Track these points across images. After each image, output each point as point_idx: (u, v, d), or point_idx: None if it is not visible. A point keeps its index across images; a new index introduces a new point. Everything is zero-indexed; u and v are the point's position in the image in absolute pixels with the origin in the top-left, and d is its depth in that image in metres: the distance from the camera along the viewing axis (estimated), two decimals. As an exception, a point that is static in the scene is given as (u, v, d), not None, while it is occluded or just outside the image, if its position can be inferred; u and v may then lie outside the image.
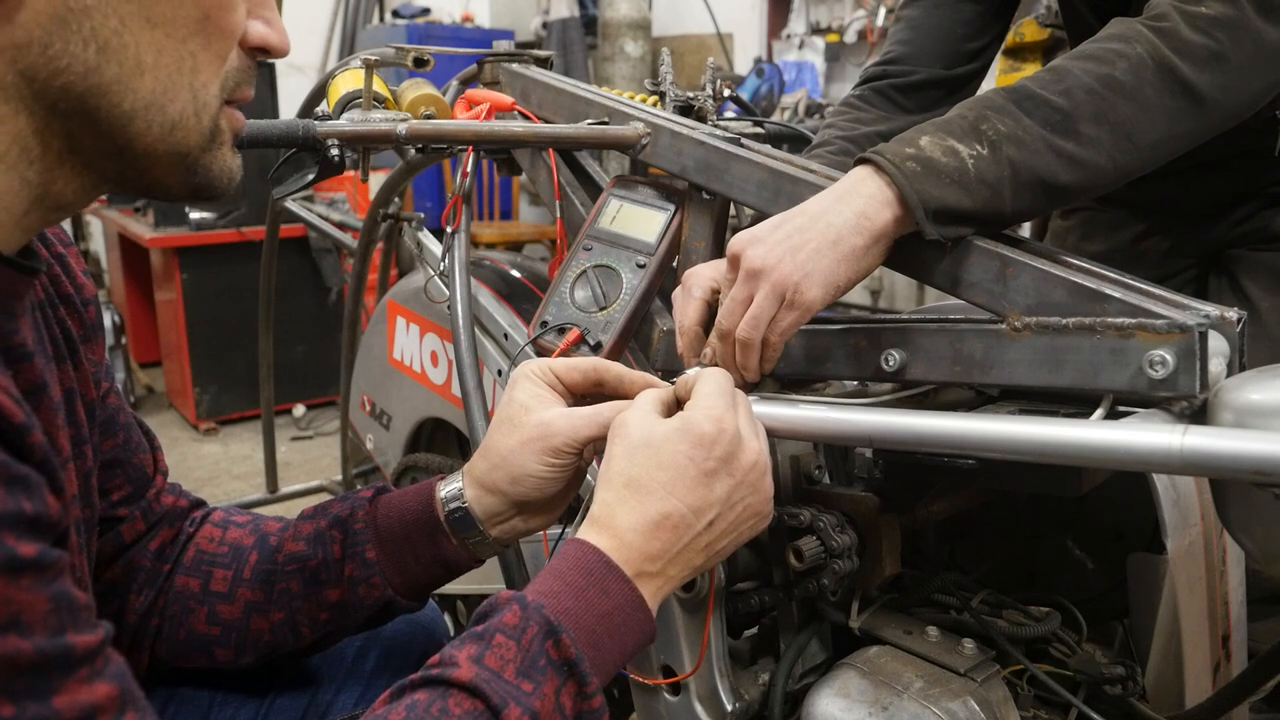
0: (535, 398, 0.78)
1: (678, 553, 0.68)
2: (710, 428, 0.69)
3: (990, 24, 1.22)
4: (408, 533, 0.81)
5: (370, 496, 0.83)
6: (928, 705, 0.82)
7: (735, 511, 0.71)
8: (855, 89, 1.24)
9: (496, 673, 0.59)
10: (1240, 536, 0.74)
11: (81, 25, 0.49)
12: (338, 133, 1.05)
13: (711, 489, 0.69)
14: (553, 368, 0.80)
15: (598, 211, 1.13)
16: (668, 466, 0.68)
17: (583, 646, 0.62)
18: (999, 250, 0.80)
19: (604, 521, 0.68)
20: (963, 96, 1.23)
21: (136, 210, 4.04)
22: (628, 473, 0.69)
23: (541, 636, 0.61)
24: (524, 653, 0.60)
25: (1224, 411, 0.67)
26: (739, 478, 0.70)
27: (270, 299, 2.28)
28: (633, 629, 0.66)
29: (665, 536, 0.68)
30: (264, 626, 0.82)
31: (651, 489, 0.68)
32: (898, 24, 1.26)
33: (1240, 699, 0.82)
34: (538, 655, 0.61)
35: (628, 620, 0.66)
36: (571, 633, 0.62)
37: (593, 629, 0.64)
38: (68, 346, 0.69)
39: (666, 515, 0.68)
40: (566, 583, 0.65)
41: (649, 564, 0.67)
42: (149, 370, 4.36)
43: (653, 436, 0.70)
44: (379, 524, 0.81)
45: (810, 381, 1.00)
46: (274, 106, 3.67)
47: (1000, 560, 1.12)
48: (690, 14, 5.63)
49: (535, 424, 0.77)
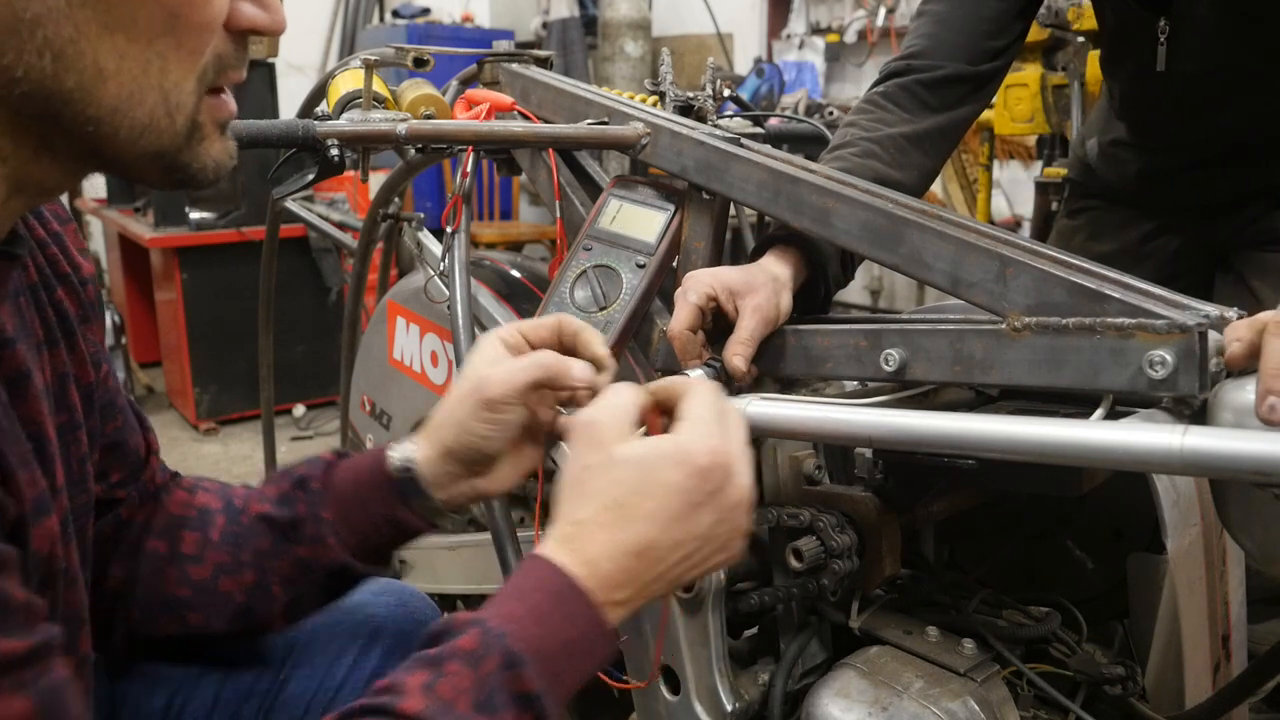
0: (489, 359, 0.75)
1: (646, 583, 0.63)
2: (706, 460, 0.63)
3: (1013, 23, 1.21)
4: (360, 493, 0.81)
5: (330, 459, 0.84)
6: (928, 705, 0.82)
7: (711, 546, 0.65)
8: (878, 85, 1.22)
9: (449, 703, 0.54)
10: (1240, 536, 0.74)
11: (34, 34, 0.48)
12: (338, 133, 1.05)
13: (696, 524, 0.63)
14: (520, 328, 0.77)
15: (598, 211, 1.13)
16: (656, 495, 0.63)
17: (544, 679, 0.57)
18: (999, 250, 0.80)
19: (577, 544, 0.62)
20: (985, 94, 1.23)
21: (136, 210, 4.04)
22: (609, 493, 0.63)
23: (501, 668, 0.56)
24: (481, 683, 0.55)
25: (1224, 411, 0.67)
26: (722, 514, 0.64)
27: (270, 299, 2.28)
28: (593, 657, 0.62)
29: (640, 568, 0.63)
30: (234, 588, 0.82)
31: (635, 517, 0.62)
32: (921, 19, 1.25)
33: (1240, 699, 0.82)
34: (496, 689, 0.55)
35: (590, 649, 0.61)
36: (533, 665, 0.57)
37: (554, 658, 0.59)
38: (63, 329, 0.68)
39: (647, 548, 0.62)
40: (530, 607, 0.60)
41: (618, 592, 0.62)
42: (149, 370, 4.35)
43: (642, 457, 0.64)
44: (335, 485, 0.82)
45: (810, 381, 1.00)
46: (274, 106, 3.67)
47: (1000, 560, 1.12)
48: (690, 14, 5.63)
49: (473, 376, 0.74)
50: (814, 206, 0.93)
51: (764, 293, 0.93)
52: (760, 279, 0.95)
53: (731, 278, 0.94)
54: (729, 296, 0.93)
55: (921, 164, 1.15)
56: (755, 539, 1.00)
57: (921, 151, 1.15)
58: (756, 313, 0.92)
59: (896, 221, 0.87)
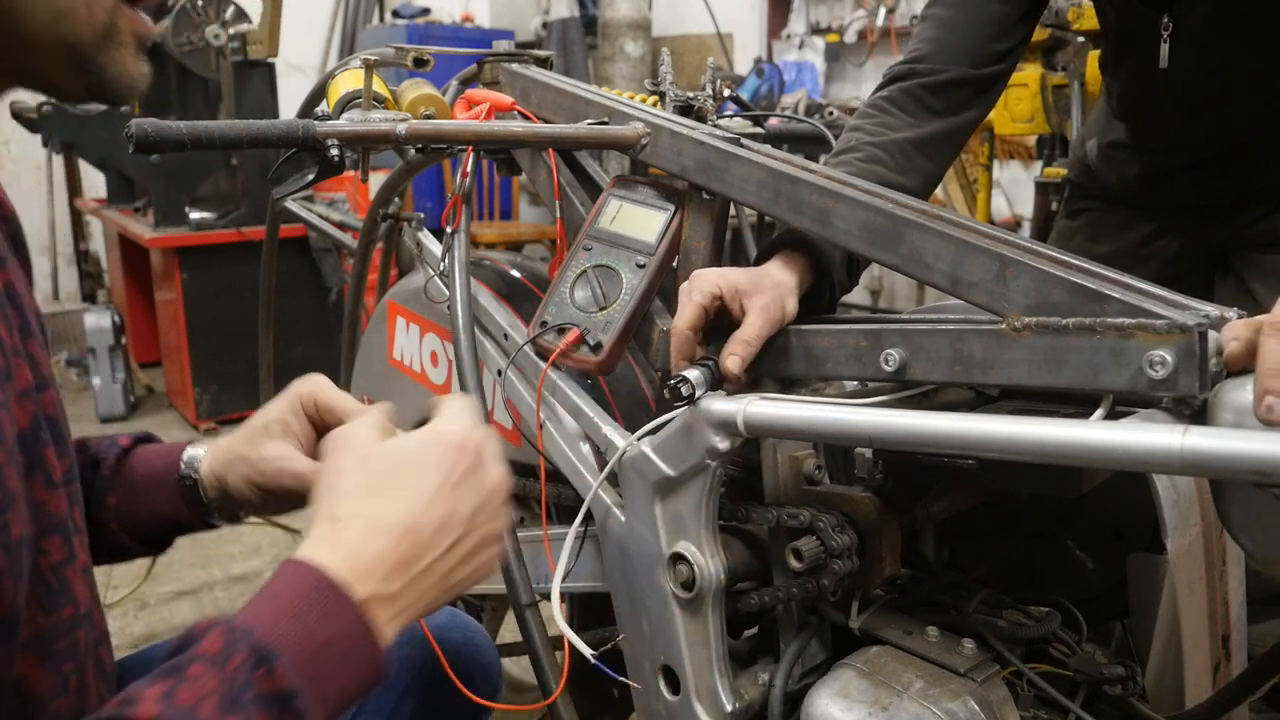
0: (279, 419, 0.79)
1: (416, 575, 0.60)
2: (459, 439, 0.64)
3: (1016, 26, 1.21)
4: (150, 486, 0.84)
5: (127, 445, 0.86)
6: (928, 705, 0.82)
7: (475, 537, 0.63)
8: (881, 90, 1.22)
9: (190, 708, 0.48)
10: (1240, 537, 0.74)
11: None
12: (338, 133, 1.05)
13: (457, 505, 0.62)
14: (316, 396, 0.80)
15: (598, 211, 1.13)
16: (411, 474, 0.62)
17: (301, 678, 0.52)
18: (999, 250, 0.80)
19: (334, 538, 0.59)
20: (989, 98, 1.23)
21: (136, 210, 4.05)
22: (362, 481, 0.62)
23: (250, 665, 0.51)
24: (227, 684, 0.50)
25: (1224, 411, 0.67)
26: (482, 498, 0.64)
27: (270, 299, 2.28)
28: (359, 661, 0.56)
29: (405, 551, 0.59)
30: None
31: (393, 498, 0.61)
32: (924, 23, 1.25)
33: (1240, 699, 0.82)
34: (244, 687, 0.50)
35: (353, 650, 0.56)
36: (287, 663, 0.52)
37: (312, 658, 0.53)
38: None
39: (410, 527, 0.60)
40: (281, 605, 0.55)
41: (385, 584, 0.58)
42: (149, 370, 4.35)
43: (396, 445, 0.65)
44: (125, 473, 0.84)
45: (810, 381, 1.00)
46: (274, 106, 3.67)
47: (1000, 560, 1.12)
48: (690, 14, 5.64)
49: (252, 456, 0.79)
50: (814, 206, 0.93)
51: (770, 294, 0.93)
52: (767, 281, 0.95)
53: (738, 278, 0.94)
54: (735, 296, 0.93)
55: (926, 169, 1.15)
56: (755, 539, 1.00)
57: (926, 156, 1.15)
58: (763, 313, 0.91)
59: (896, 221, 0.87)
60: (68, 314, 4.69)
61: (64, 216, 5.01)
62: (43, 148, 4.06)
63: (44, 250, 5.05)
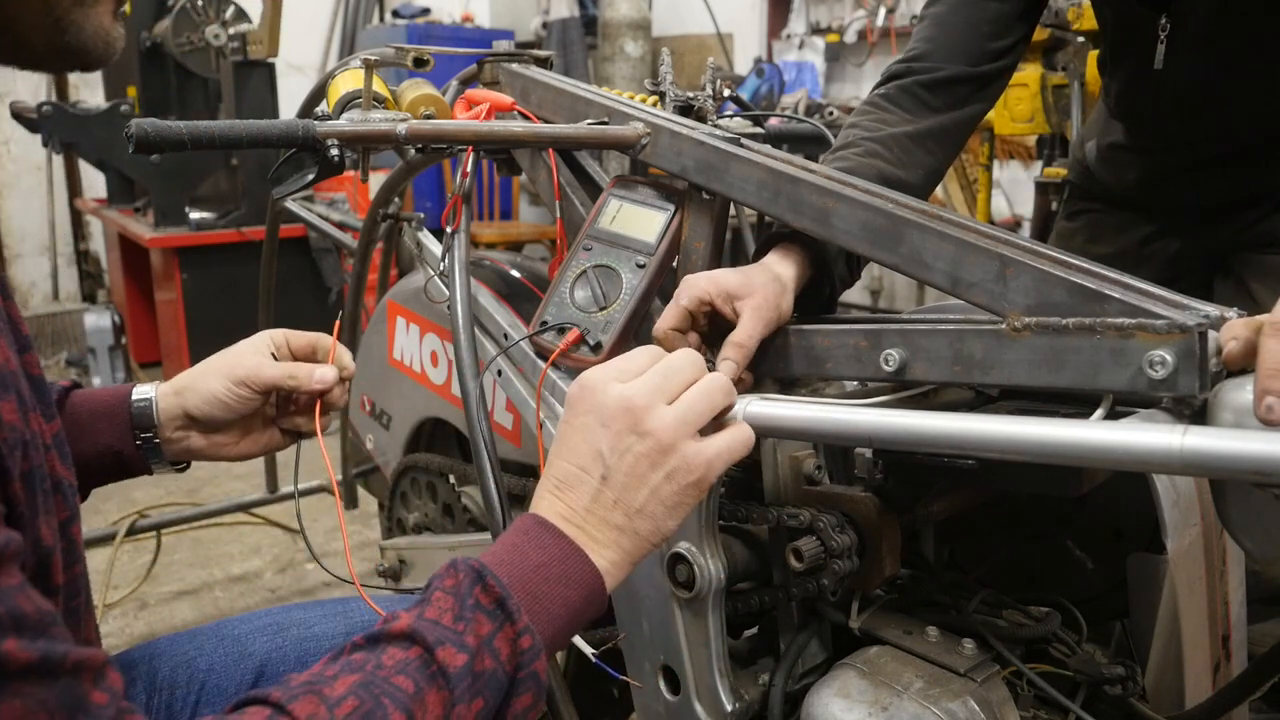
0: (252, 349, 0.90)
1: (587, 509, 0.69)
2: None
3: (1015, 24, 1.21)
4: (94, 421, 0.88)
5: (67, 385, 0.90)
6: (928, 705, 0.82)
7: (627, 461, 0.69)
8: (879, 87, 1.22)
9: (434, 621, 0.61)
10: (1240, 537, 0.74)
11: None
12: (338, 133, 1.05)
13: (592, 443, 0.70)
14: (287, 335, 0.93)
15: (598, 211, 1.13)
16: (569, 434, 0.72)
17: (517, 593, 0.63)
18: (999, 250, 0.80)
19: (559, 496, 0.71)
20: (990, 95, 1.22)
21: (136, 210, 4.05)
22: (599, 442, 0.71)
23: (470, 583, 0.63)
24: (458, 601, 0.62)
25: (1224, 411, 0.67)
26: (615, 428, 0.70)
27: (270, 299, 2.28)
28: (573, 580, 0.66)
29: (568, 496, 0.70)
30: None
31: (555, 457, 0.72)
32: (922, 22, 1.25)
33: (1240, 699, 0.82)
34: (468, 600, 0.62)
35: (565, 570, 0.66)
36: (499, 576, 0.63)
37: (527, 578, 0.65)
38: None
39: (561, 478, 0.71)
40: (503, 543, 0.68)
41: (569, 525, 0.69)
42: (149, 370, 4.35)
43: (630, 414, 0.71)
44: (66, 411, 0.87)
45: (810, 381, 1.00)
46: (274, 106, 3.67)
47: (1000, 560, 1.12)
48: (690, 14, 5.64)
49: (231, 355, 0.90)
50: (814, 206, 0.93)
51: (763, 295, 0.93)
52: (760, 280, 0.94)
53: (729, 281, 0.93)
54: (726, 300, 0.93)
55: (926, 162, 1.15)
56: (755, 539, 1.00)
57: (925, 150, 1.15)
58: (756, 314, 0.91)
59: (896, 221, 0.87)
60: (68, 314, 4.69)
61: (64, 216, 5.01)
62: (43, 148, 4.06)
63: (44, 250, 5.05)
